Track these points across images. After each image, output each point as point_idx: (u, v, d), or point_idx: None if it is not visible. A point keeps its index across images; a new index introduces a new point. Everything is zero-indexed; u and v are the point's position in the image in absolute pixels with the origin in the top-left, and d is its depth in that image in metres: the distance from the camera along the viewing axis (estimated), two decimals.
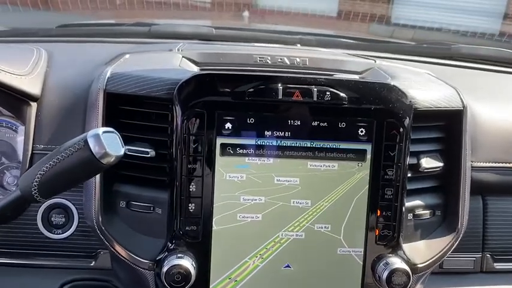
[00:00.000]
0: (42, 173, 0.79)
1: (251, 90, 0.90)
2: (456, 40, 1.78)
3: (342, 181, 0.94)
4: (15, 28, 1.58)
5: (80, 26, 1.66)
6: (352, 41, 1.58)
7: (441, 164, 1.02)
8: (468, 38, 1.93)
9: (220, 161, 0.92)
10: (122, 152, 0.80)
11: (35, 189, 0.80)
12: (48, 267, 1.04)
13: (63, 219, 1.04)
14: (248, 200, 0.93)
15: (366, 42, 1.64)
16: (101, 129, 0.78)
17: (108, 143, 0.78)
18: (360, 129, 0.93)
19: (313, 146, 0.93)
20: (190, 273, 0.89)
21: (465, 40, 1.90)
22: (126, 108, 0.96)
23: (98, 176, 0.94)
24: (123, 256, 0.94)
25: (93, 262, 1.04)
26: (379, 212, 0.95)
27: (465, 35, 2.01)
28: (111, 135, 0.80)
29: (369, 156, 0.94)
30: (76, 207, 1.04)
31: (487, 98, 1.19)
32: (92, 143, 0.76)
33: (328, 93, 0.92)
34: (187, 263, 0.90)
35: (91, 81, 1.02)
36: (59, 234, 1.04)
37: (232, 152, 0.92)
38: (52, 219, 1.04)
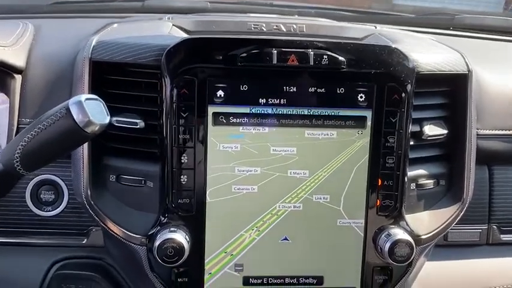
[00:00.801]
0: (23, 144, 0.75)
1: (244, 55, 0.86)
2: (459, 10, 1.71)
3: (341, 150, 0.90)
4: (4, 5, 1.53)
5: (72, 2, 1.62)
6: (351, 14, 1.53)
7: (445, 132, 0.97)
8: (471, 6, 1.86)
9: (212, 131, 0.87)
10: (107, 121, 0.76)
11: (17, 162, 0.76)
12: (39, 246, 1.01)
13: (53, 196, 1.01)
14: (243, 171, 0.89)
15: (365, 14, 1.59)
16: (84, 96, 0.73)
17: (92, 111, 0.73)
18: (360, 95, 0.88)
19: (311, 113, 0.88)
20: (183, 247, 0.85)
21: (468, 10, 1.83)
22: (113, 77, 0.92)
23: (85, 150, 0.90)
24: (114, 232, 0.90)
25: (85, 240, 1.01)
26: (380, 181, 0.91)
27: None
28: (95, 102, 0.75)
29: (369, 123, 0.89)
30: (66, 184, 1.00)
31: (492, 65, 1.14)
32: (74, 111, 0.72)
33: (326, 57, 0.87)
34: (180, 237, 0.86)
35: (77, 52, 0.98)
36: (49, 211, 1.00)
37: (225, 121, 0.88)
38: (41, 196, 1.00)
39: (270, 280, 0.93)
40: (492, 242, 1.10)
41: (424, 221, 0.96)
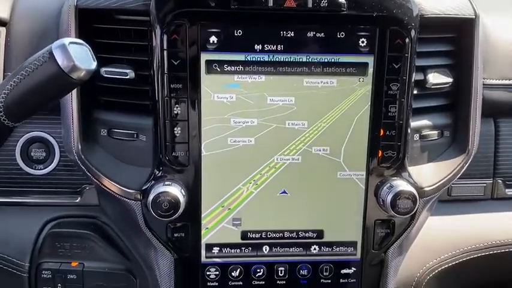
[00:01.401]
0: (6, 92, 0.71)
1: None
2: None
3: (342, 99, 0.86)
4: None
5: None
6: None
7: (450, 80, 0.93)
8: None
9: (206, 80, 0.83)
10: (93, 66, 0.71)
11: (1, 113, 0.73)
12: (32, 205, 0.98)
13: (44, 154, 0.98)
14: (239, 122, 0.86)
15: None
16: (68, 40, 0.69)
17: (77, 55, 0.69)
18: (361, 40, 0.84)
19: (309, 60, 0.84)
20: (178, 201, 0.82)
21: None
22: (101, 26, 0.87)
23: (75, 104, 0.86)
24: (107, 187, 0.87)
25: (79, 198, 0.98)
26: (382, 131, 0.87)
27: None
28: (80, 47, 0.71)
29: (370, 69, 0.85)
30: (56, 141, 0.97)
31: (501, 12, 1.08)
32: (58, 55, 0.68)
33: None
34: (175, 190, 0.83)
35: (63, 3, 0.93)
36: (40, 169, 0.97)
37: (219, 69, 0.83)
38: (32, 154, 0.97)
39: (269, 234, 0.90)
40: (497, 196, 1.07)
41: (428, 173, 0.93)
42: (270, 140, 0.87)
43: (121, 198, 0.88)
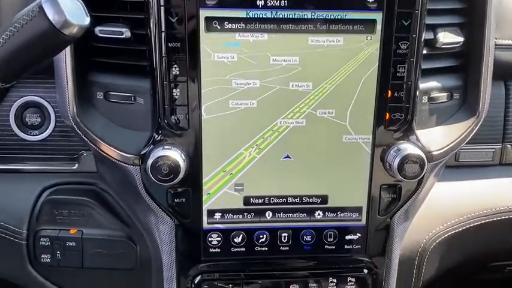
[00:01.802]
0: None
1: None
2: None
3: (348, 58, 0.82)
4: None
5: None
6: None
7: (461, 39, 0.89)
8: None
9: (206, 38, 0.79)
10: (86, 22, 0.67)
11: None
12: (28, 172, 0.96)
13: (39, 119, 0.95)
14: (241, 84, 0.82)
15: None
16: None
17: (69, 10, 0.65)
18: None
19: (315, 17, 0.80)
20: (179, 165, 0.80)
21: None
22: None
23: (69, 65, 0.83)
24: (104, 152, 0.84)
25: (76, 165, 0.96)
26: (390, 92, 0.84)
27: None
28: (71, 1, 0.66)
29: (379, 27, 0.81)
30: (52, 105, 0.94)
31: None
32: (48, 9, 0.64)
33: None
34: (175, 154, 0.80)
35: None
36: (36, 135, 0.95)
37: (219, 27, 0.79)
38: (26, 119, 0.94)
39: (272, 200, 0.88)
40: (505, 162, 1.05)
41: (436, 137, 0.89)
42: (273, 103, 0.83)
43: (119, 164, 0.85)
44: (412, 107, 0.85)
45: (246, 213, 0.89)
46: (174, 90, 0.81)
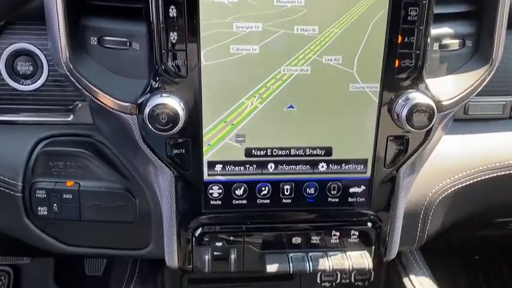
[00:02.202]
0: None
1: None
2: None
3: (357, 0, 0.77)
4: None
5: None
6: None
7: None
8: None
9: None
10: None
11: None
12: (22, 124, 0.92)
13: (31, 68, 0.90)
14: (242, 27, 0.77)
15: None
16: None
17: None
18: None
19: None
20: (178, 114, 0.76)
21: None
22: None
23: (60, 9, 0.77)
24: (99, 100, 0.80)
25: (71, 116, 0.92)
26: (400, 37, 0.79)
27: None
28: None
29: None
30: (44, 54, 0.89)
31: None
32: None
33: None
34: (173, 102, 0.77)
35: None
36: (28, 85, 0.90)
37: None
38: (18, 68, 0.90)
39: (274, 152, 0.85)
40: None
41: (447, 86, 0.85)
42: (277, 48, 0.79)
43: (115, 114, 0.81)
44: (423, 53, 0.80)
45: (247, 165, 0.86)
46: (171, 34, 0.76)
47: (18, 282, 1.75)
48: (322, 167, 0.87)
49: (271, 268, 0.89)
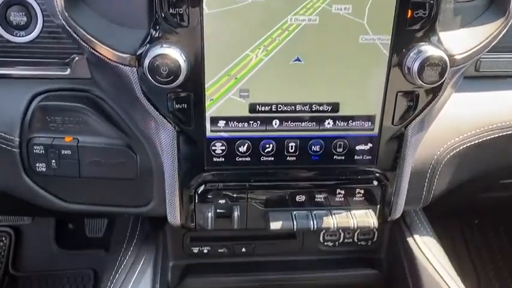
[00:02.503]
0: None
1: None
2: None
3: None
4: None
5: None
6: None
7: None
8: None
9: None
10: None
11: None
12: (17, 77, 0.89)
13: (25, 18, 0.86)
14: None
15: None
16: None
17: None
18: None
19: None
20: (179, 65, 0.73)
21: None
22: None
23: None
24: (97, 51, 0.77)
25: (68, 70, 0.89)
26: None
27: None
28: None
29: None
30: (38, 3, 0.84)
31: None
32: None
33: None
34: (174, 53, 0.73)
35: None
36: (23, 36, 0.86)
37: None
38: (11, 18, 0.85)
39: (279, 107, 0.82)
40: None
41: (460, 39, 0.82)
42: None
43: (114, 66, 0.78)
44: (437, 3, 0.76)
45: (251, 122, 0.83)
46: None
47: (19, 244, 1.75)
48: (329, 123, 0.84)
49: (275, 225, 0.88)
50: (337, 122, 0.84)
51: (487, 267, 1.70)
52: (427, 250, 0.99)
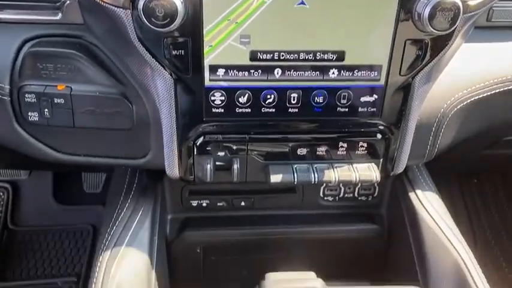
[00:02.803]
0: None
1: None
2: None
3: None
4: None
5: None
6: None
7: None
8: None
9: None
10: None
11: None
12: (5, 22, 0.84)
13: None
14: None
15: None
16: None
17: None
18: None
19: None
20: (176, 7, 0.69)
21: None
22: None
23: None
24: None
25: (59, 15, 0.84)
26: None
27: None
28: None
29: None
30: None
31: None
32: None
33: None
34: None
35: None
36: None
37: None
38: None
39: (282, 55, 0.78)
40: None
41: None
42: None
43: (108, 9, 0.73)
44: None
45: (252, 70, 0.79)
46: None
47: (17, 199, 1.75)
48: (333, 73, 0.81)
49: (275, 178, 0.86)
50: (342, 71, 0.80)
51: (483, 225, 1.71)
52: (429, 205, 0.98)
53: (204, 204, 1.07)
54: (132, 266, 0.87)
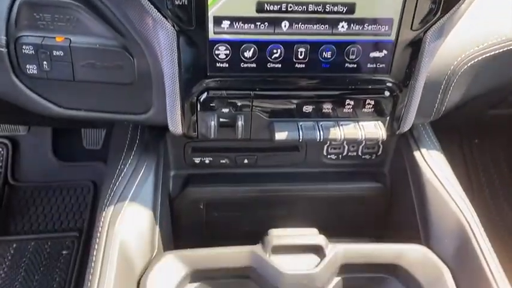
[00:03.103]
0: None
1: None
2: None
3: None
4: None
5: None
6: None
7: None
8: None
9: None
10: None
11: None
12: None
13: None
14: None
15: None
16: None
17: None
18: None
19: None
20: None
21: None
22: None
23: None
24: None
25: None
26: None
27: None
28: None
29: None
30: None
31: None
32: None
33: None
34: None
35: None
36: None
37: None
38: None
39: (290, 7, 0.75)
40: None
41: None
42: None
43: None
44: None
45: (258, 23, 0.76)
46: None
47: (17, 155, 1.74)
48: (343, 27, 0.77)
49: (280, 136, 0.85)
50: (351, 25, 0.77)
51: (482, 184, 1.72)
52: (434, 163, 0.98)
53: (207, 161, 1.06)
54: (136, 222, 0.87)
